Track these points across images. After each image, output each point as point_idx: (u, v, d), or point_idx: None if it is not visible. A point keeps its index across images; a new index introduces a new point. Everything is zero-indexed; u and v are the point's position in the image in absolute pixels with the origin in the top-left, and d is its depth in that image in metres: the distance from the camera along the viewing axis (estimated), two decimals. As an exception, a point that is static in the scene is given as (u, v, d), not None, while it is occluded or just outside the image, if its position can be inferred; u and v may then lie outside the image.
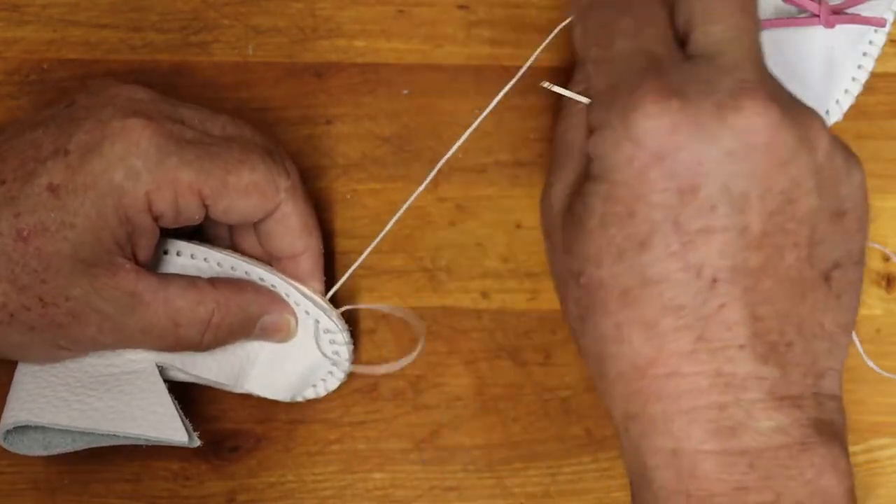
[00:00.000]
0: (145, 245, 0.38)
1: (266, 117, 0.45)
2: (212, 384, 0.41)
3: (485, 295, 0.44)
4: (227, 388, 0.42)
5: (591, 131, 0.34)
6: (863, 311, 0.44)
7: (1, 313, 0.36)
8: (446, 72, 0.46)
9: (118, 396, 0.38)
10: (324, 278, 0.41)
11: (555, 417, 0.43)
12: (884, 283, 0.45)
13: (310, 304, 0.40)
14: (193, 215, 0.38)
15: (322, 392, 0.42)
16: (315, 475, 0.43)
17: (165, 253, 0.40)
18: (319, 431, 0.43)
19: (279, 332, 0.41)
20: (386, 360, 0.43)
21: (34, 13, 0.46)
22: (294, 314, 0.41)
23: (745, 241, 0.32)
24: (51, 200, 0.35)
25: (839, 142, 0.34)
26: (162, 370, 0.39)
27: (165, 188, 0.36)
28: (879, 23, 0.43)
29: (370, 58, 0.46)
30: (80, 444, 0.39)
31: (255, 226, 0.40)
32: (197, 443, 0.39)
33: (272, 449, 0.43)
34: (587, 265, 0.33)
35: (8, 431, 0.38)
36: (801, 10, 0.44)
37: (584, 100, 0.35)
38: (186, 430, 0.38)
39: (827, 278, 0.33)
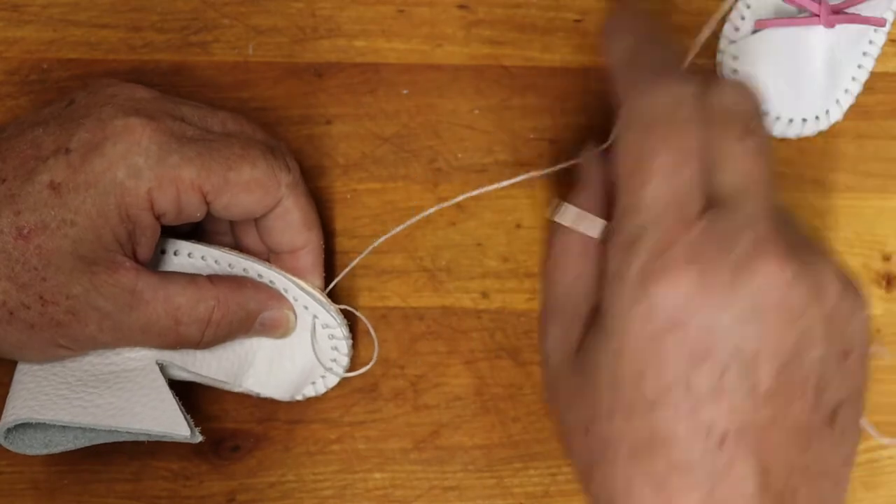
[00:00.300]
0: (146, 243, 0.38)
1: (266, 117, 0.45)
2: (211, 382, 0.41)
3: (485, 295, 0.44)
4: (227, 387, 0.42)
5: (605, 278, 0.33)
6: (863, 311, 0.44)
7: (0, 311, 0.36)
8: (446, 72, 0.46)
9: (119, 393, 0.38)
10: (324, 274, 0.41)
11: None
12: (884, 283, 0.45)
13: (309, 299, 0.40)
14: (195, 212, 0.38)
15: (322, 389, 0.42)
16: (315, 475, 0.43)
17: (163, 252, 0.40)
18: (319, 431, 0.43)
19: (278, 328, 0.41)
20: (385, 360, 0.43)
21: (34, 13, 0.46)
22: (293, 309, 0.41)
23: (754, 402, 0.32)
24: (52, 198, 0.35)
25: (849, 283, 0.33)
26: (162, 368, 0.39)
27: (167, 185, 0.36)
28: (879, 23, 0.43)
29: (370, 58, 0.46)
30: (82, 442, 0.39)
31: (257, 221, 0.40)
32: (199, 438, 0.39)
33: (272, 449, 0.43)
34: (596, 419, 0.33)
35: (9, 430, 0.38)
36: (801, 10, 0.44)
37: (594, 233, 0.35)
38: (188, 425, 0.38)
39: (832, 420, 0.33)
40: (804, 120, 0.45)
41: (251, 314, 0.40)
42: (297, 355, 0.42)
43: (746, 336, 0.31)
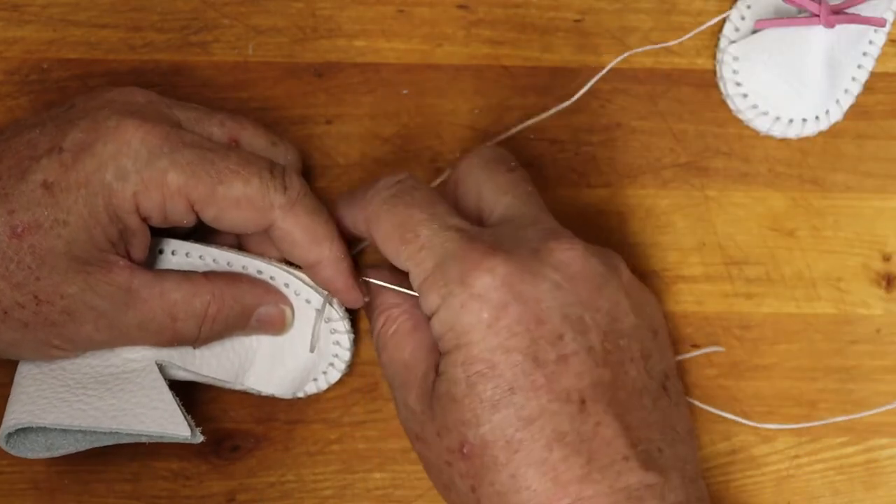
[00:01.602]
0: (137, 244, 0.38)
1: (266, 117, 0.45)
2: (212, 382, 0.41)
3: (485, 295, 0.44)
4: (228, 386, 0.42)
5: (430, 316, 0.36)
6: (863, 311, 0.44)
7: None
8: (446, 72, 0.46)
9: (119, 395, 0.38)
10: (350, 280, 0.40)
11: (555, 417, 0.43)
12: (884, 283, 0.45)
13: (311, 292, 0.40)
14: (181, 219, 0.38)
15: (323, 385, 0.42)
16: (315, 475, 0.43)
17: (161, 252, 0.40)
18: (319, 431, 0.43)
19: (275, 324, 0.41)
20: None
21: (34, 13, 0.46)
22: (290, 304, 0.41)
23: (594, 360, 0.35)
24: (45, 197, 0.35)
25: (633, 273, 0.38)
26: (161, 368, 0.39)
27: (153, 190, 0.36)
28: (879, 23, 0.43)
29: (370, 58, 0.46)
30: (84, 445, 0.39)
31: (266, 233, 0.39)
32: (200, 438, 0.38)
33: (272, 449, 0.43)
34: (467, 431, 0.34)
35: (10, 434, 0.38)
36: (801, 10, 0.44)
37: (412, 293, 0.38)
38: (189, 426, 0.38)
39: (665, 388, 0.37)
40: (804, 120, 0.45)
41: (247, 309, 0.40)
42: (298, 351, 0.41)
43: (567, 302, 0.35)
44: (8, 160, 0.36)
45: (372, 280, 0.40)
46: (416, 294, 0.37)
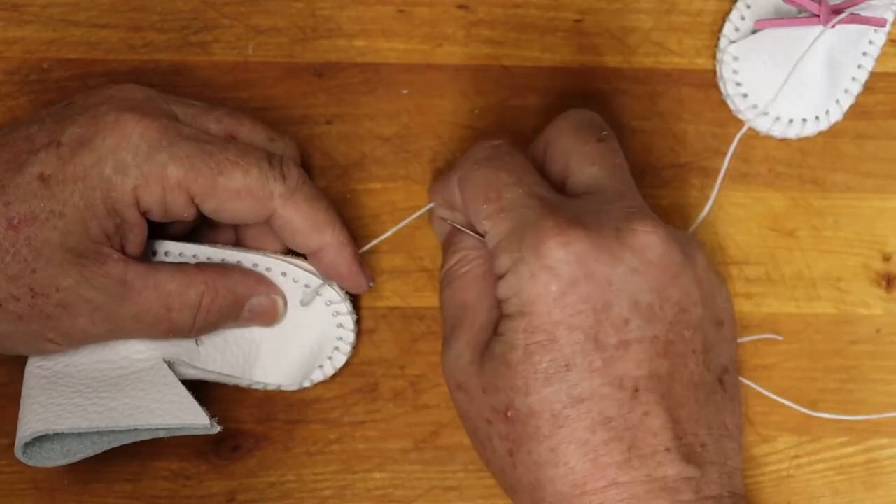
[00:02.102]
0: (133, 239, 0.38)
1: (266, 117, 0.45)
2: (218, 379, 0.41)
3: (485, 295, 0.44)
4: (235, 382, 0.42)
5: (499, 277, 0.36)
6: (863, 311, 0.44)
7: None
8: (446, 72, 0.46)
9: (132, 393, 0.38)
10: (354, 266, 0.40)
11: (555, 417, 0.43)
12: (884, 283, 0.45)
13: (311, 277, 0.40)
14: (181, 213, 0.38)
15: (330, 371, 0.42)
16: (315, 475, 0.43)
17: (154, 254, 0.40)
18: (319, 431, 0.43)
19: (267, 315, 0.41)
20: (385, 360, 0.43)
21: (34, 13, 0.46)
22: (282, 295, 0.41)
23: (656, 350, 0.34)
24: (41, 190, 0.35)
25: (709, 261, 0.37)
26: (170, 366, 0.39)
27: (153, 183, 0.36)
28: (879, 23, 0.43)
29: (370, 58, 0.46)
30: (101, 447, 0.39)
31: (267, 223, 0.40)
32: (217, 428, 0.39)
33: (272, 449, 0.43)
34: (515, 396, 0.35)
35: (26, 444, 0.38)
36: (801, 10, 0.44)
37: (474, 235, 0.39)
38: (207, 415, 0.38)
39: (721, 382, 0.37)
40: (804, 120, 0.45)
41: (239, 299, 0.40)
42: (302, 339, 0.42)
43: (640, 288, 0.34)
44: (5, 154, 0.36)
45: (453, 223, 0.40)
46: None
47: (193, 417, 0.38)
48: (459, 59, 0.46)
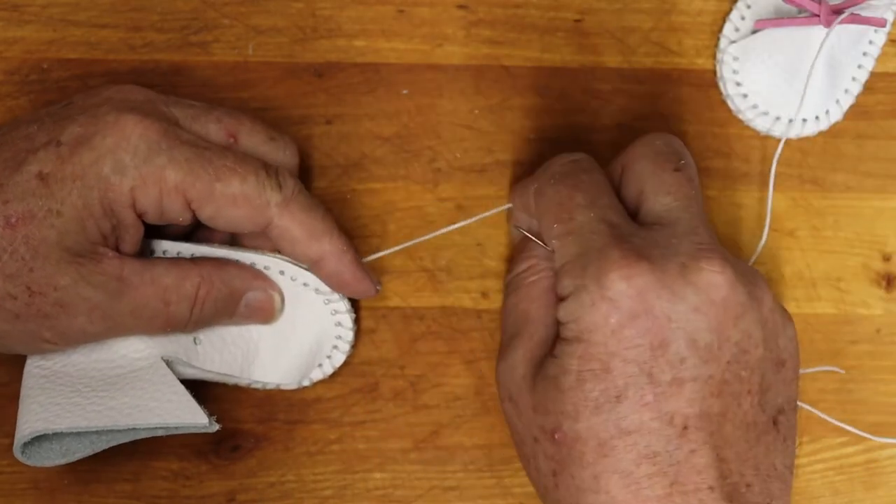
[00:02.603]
0: (129, 240, 0.38)
1: (266, 117, 0.45)
2: (217, 378, 0.41)
3: (485, 295, 0.44)
4: (234, 381, 0.42)
5: (561, 299, 0.36)
6: (863, 311, 0.44)
7: None
8: (446, 72, 0.46)
9: (131, 392, 0.38)
10: (357, 272, 0.40)
11: (555, 417, 0.43)
12: (884, 283, 0.45)
13: (308, 275, 0.40)
14: (177, 217, 0.38)
15: (329, 370, 0.42)
16: (315, 475, 0.43)
17: (152, 252, 0.40)
18: (319, 431, 0.43)
19: (264, 311, 0.41)
20: (385, 360, 0.43)
21: (34, 13, 0.46)
22: (279, 291, 0.41)
23: (709, 389, 0.34)
24: (39, 188, 0.35)
25: (776, 299, 0.37)
26: (168, 365, 0.39)
27: (150, 185, 0.36)
28: (879, 23, 0.43)
29: (370, 58, 0.46)
30: (100, 446, 0.39)
31: (268, 235, 0.39)
32: (216, 427, 0.39)
33: (272, 449, 0.43)
34: (564, 420, 0.35)
35: (25, 444, 0.38)
36: (801, 10, 0.44)
37: (546, 246, 0.38)
38: (205, 414, 0.38)
39: (775, 422, 0.36)
40: (804, 120, 0.45)
41: (236, 292, 0.40)
42: (301, 338, 0.42)
43: (699, 328, 0.34)
44: (4, 153, 0.36)
45: (527, 232, 0.40)
46: None
47: (192, 416, 0.38)
48: (459, 59, 0.46)
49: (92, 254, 0.36)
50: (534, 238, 0.40)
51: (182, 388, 0.39)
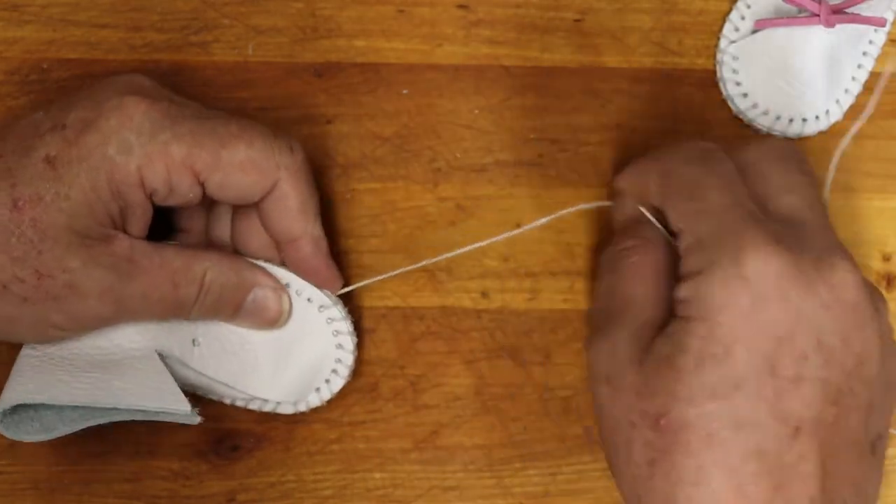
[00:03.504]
0: (137, 222, 0.38)
1: (266, 117, 0.45)
2: (210, 388, 0.41)
3: (485, 295, 0.44)
4: (230, 394, 0.41)
5: (683, 278, 0.34)
6: (863, 311, 0.44)
7: None
8: (446, 72, 0.46)
9: (118, 375, 0.38)
10: (329, 261, 0.40)
11: (555, 417, 0.43)
12: (884, 283, 0.45)
13: (313, 290, 0.40)
14: (187, 192, 0.38)
15: (326, 395, 0.42)
16: (315, 475, 0.43)
17: None
18: (319, 431, 0.43)
19: (270, 311, 0.40)
20: (385, 360, 0.43)
21: (34, 13, 0.46)
22: (287, 293, 0.41)
23: (826, 395, 0.33)
24: (47, 171, 0.36)
25: (892, 326, 0.36)
26: (162, 359, 0.39)
27: (157, 162, 0.36)
28: (879, 23, 0.43)
29: (370, 58, 0.46)
30: (79, 424, 0.38)
31: (258, 205, 0.39)
32: (197, 419, 0.38)
33: (272, 449, 0.43)
34: (675, 404, 0.33)
35: (5, 413, 0.37)
36: (801, 10, 0.44)
37: (661, 228, 0.38)
38: (188, 403, 0.38)
39: (874, 448, 0.35)
40: (804, 120, 0.45)
41: (244, 282, 0.39)
42: (301, 357, 0.41)
43: (826, 327, 0.33)
44: (12, 141, 0.37)
45: (644, 210, 0.38)
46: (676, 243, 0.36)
47: (174, 402, 0.38)
48: (459, 59, 0.46)
49: (101, 236, 0.36)
50: (653, 219, 0.38)
51: (170, 377, 0.38)
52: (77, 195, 0.36)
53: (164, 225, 0.41)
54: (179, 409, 0.38)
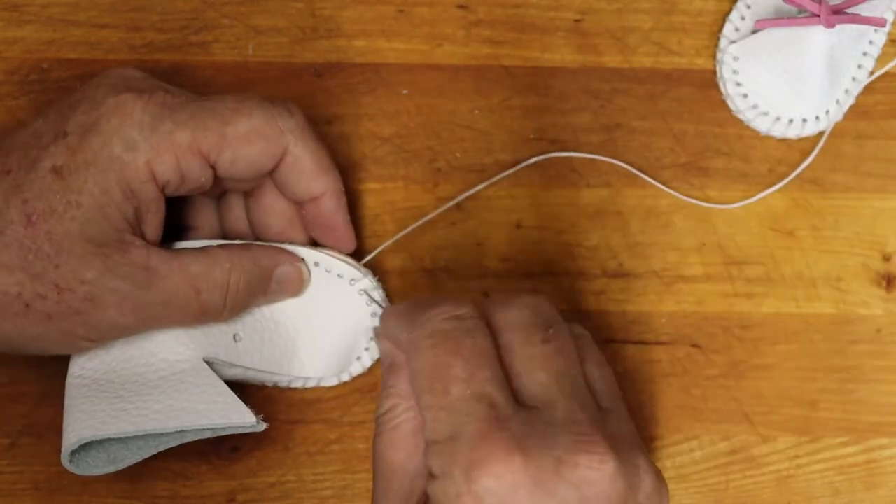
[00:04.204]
0: (152, 220, 0.38)
1: (266, 117, 0.45)
2: (258, 377, 0.41)
3: (485, 295, 0.44)
4: (275, 380, 0.42)
5: (431, 476, 0.33)
6: (863, 311, 0.44)
7: (16, 304, 0.35)
8: (446, 72, 0.46)
9: (175, 395, 0.38)
10: (348, 217, 0.41)
11: (555, 417, 0.43)
12: (884, 283, 0.45)
13: (342, 265, 0.41)
14: (199, 177, 0.38)
15: (368, 363, 0.42)
16: (315, 475, 0.43)
17: None
18: (319, 431, 0.43)
19: (294, 283, 0.41)
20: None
21: (34, 13, 0.46)
22: (304, 262, 0.41)
23: None
24: (55, 182, 0.35)
25: (658, 474, 0.34)
26: (210, 366, 0.39)
27: (165, 153, 0.36)
28: (879, 23, 0.43)
29: (370, 58, 0.46)
30: (148, 451, 0.38)
31: (272, 175, 0.40)
32: (263, 426, 0.38)
33: (272, 449, 0.43)
34: None
35: (73, 452, 0.37)
36: (801, 10, 0.44)
37: None
38: (252, 413, 0.38)
39: None
40: (804, 120, 0.45)
41: (266, 271, 0.40)
42: (337, 332, 0.42)
43: None
44: (16, 153, 0.36)
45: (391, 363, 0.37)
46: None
47: (239, 416, 0.38)
48: (459, 59, 0.46)
49: (118, 242, 0.36)
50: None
51: (226, 388, 0.38)
52: (88, 201, 0.36)
53: (176, 225, 0.41)
54: (246, 421, 0.38)
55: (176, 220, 0.41)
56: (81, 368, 0.39)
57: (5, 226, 0.35)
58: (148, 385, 0.38)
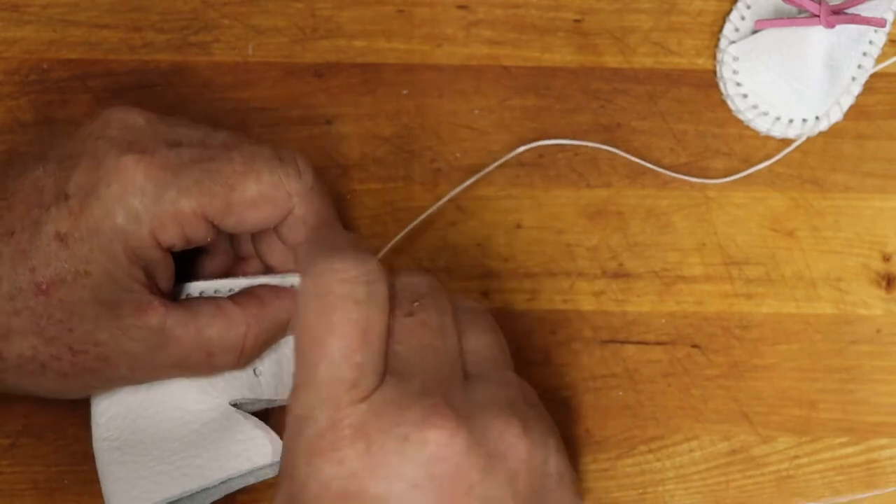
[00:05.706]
0: (163, 274, 0.37)
1: (266, 117, 0.45)
2: (280, 404, 0.41)
3: (485, 295, 0.44)
4: (286, 401, 0.41)
5: (284, 446, 0.33)
6: (863, 311, 0.44)
7: (31, 365, 0.35)
8: (446, 72, 0.46)
9: (212, 447, 0.38)
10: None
11: (555, 417, 0.43)
12: (884, 283, 0.45)
13: None
14: (203, 238, 0.37)
15: None
16: (315, 475, 0.43)
17: (188, 297, 0.39)
18: (319, 431, 0.43)
19: None
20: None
21: (34, 13, 0.46)
22: None
23: None
24: (61, 250, 0.35)
25: (536, 430, 0.33)
26: (237, 407, 0.39)
27: (169, 223, 0.35)
28: (879, 23, 0.43)
29: (370, 58, 0.46)
30: None
31: (275, 228, 0.39)
32: None
33: (272, 449, 0.43)
34: None
35: None
36: (801, 10, 0.44)
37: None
38: None
39: None
40: (804, 120, 0.45)
41: (282, 325, 0.39)
42: None
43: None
44: (18, 208, 0.35)
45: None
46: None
47: (280, 453, 0.36)
48: (459, 59, 0.46)
49: (133, 302, 0.36)
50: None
51: (262, 426, 0.38)
52: (96, 269, 0.35)
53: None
54: None
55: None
56: (107, 430, 0.39)
57: (16, 293, 0.35)
58: (182, 441, 0.38)
